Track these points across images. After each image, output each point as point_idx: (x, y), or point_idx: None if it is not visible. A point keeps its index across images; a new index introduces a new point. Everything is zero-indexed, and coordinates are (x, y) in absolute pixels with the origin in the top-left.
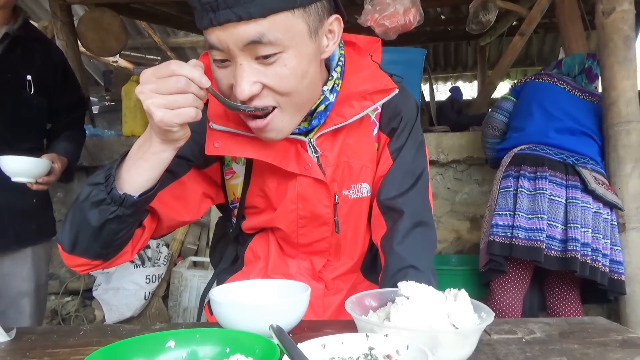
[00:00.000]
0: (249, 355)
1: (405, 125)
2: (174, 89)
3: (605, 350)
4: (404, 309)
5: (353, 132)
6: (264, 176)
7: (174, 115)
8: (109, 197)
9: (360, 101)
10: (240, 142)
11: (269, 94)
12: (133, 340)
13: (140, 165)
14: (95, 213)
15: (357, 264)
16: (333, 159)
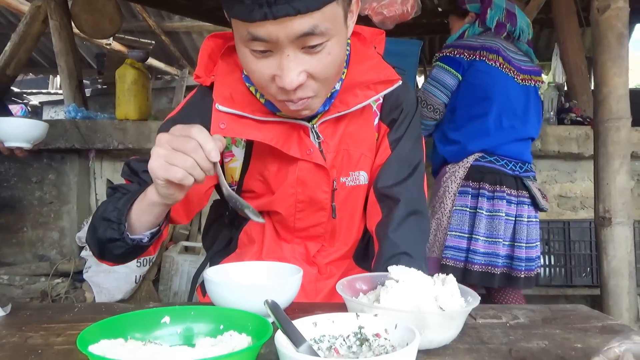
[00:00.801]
0: (242, 332)
1: (405, 117)
2: (180, 147)
3: (585, 335)
4: (393, 291)
5: (354, 121)
6: (265, 160)
7: (162, 169)
8: (123, 240)
9: (364, 90)
10: (245, 125)
11: (310, 83)
12: (129, 315)
13: (143, 214)
14: (115, 247)
15: (351, 250)
16: (334, 145)
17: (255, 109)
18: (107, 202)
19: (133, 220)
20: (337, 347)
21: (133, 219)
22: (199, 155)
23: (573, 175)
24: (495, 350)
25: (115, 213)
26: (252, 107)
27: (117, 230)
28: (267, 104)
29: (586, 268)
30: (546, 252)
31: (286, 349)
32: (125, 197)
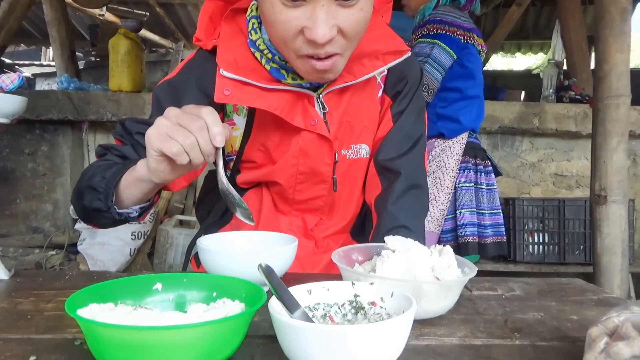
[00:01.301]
0: (235, 299)
1: (409, 90)
2: (185, 123)
3: (581, 307)
4: (390, 261)
5: (358, 92)
6: (267, 130)
7: (159, 139)
8: (109, 212)
9: (372, 60)
10: (250, 92)
11: (338, 39)
12: (120, 281)
13: (131, 188)
14: (100, 217)
15: (349, 225)
16: (337, 117)
17: (260, 76)
18: (95, 167)
19: (121, 192)
20: (331, 315)
21: (121, 192)
22: (202, 136)
23: (570, 153)
24: (490, 321)
25: (102, 183)
26: (256, 73)
27: (104, 202)
28: (272, 71)
29: (579, 246)
30: (540, 230)
31: (280, 314)
32: (116, 166)
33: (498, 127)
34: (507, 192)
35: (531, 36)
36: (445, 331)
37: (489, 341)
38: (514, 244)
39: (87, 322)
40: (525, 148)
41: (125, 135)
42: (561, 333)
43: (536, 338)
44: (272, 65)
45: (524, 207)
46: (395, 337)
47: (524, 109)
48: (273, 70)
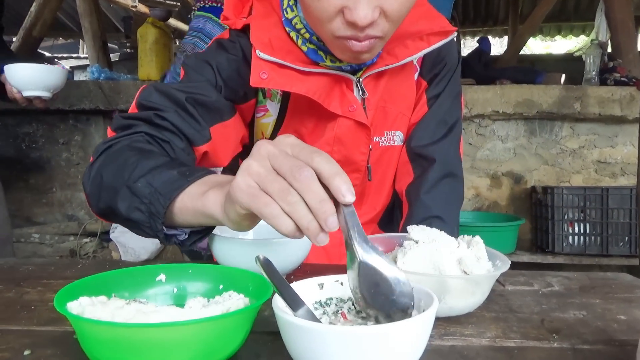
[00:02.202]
0: (242, 293)
1: (446, 73)
2: (286, 174)
3: (629, 306)
4: (412, 253)
5: (395, 75)
6: (301, 116)
7: (250, 196)
8: (152, 230)
9: (416, 42)
10: (287, 75)
11: (381, 22)
12: (119, 272)
13: (190, 215)
14: (134, 228)
15: (378, 215)
16: (374, 102)
17: (296, 58)
18: (132, 158)
19: (175, 211)
20: (344, 312)
21: (172, 212)
22: (312, 195)
23: (614, 139)
24: (525, 320)
25: (148, 191)
26: (293, 55)
27: (147, 218)
28: (309, 52)
29: (624, 237)
30: (581, 220)
31: (282, 312)
32: (167, 171)
33: (536, 112)
34: (546, 181)
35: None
36: (473, 331)
37: (523, 343)
38: (553, 235)
39: (71, 316)
40: (566, 134)
41: (166, 102)
42: (607, 335)
43: (578, 340)
44: (309, 46)
45: (563, 196)
46: (411, 339)
47: (565, 92)
48: (310, 52)
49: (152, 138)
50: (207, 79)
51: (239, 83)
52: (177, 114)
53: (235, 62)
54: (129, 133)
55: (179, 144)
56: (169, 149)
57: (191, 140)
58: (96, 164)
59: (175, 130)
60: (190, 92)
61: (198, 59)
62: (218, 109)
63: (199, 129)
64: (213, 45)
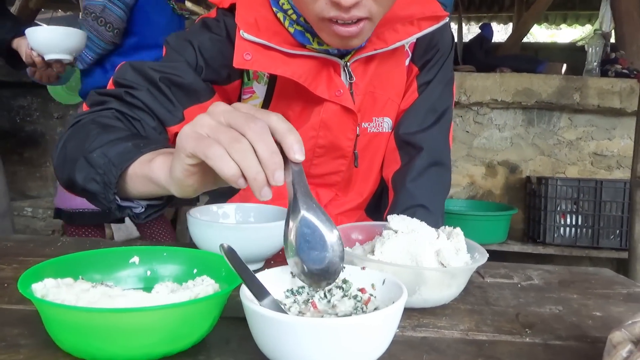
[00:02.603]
0: (214, 278)
1: (439, 59)
2: (236, 123)
3: (607, 302)
4: (390, 242)
5: (385, 61)
6: (288, 99)
7: (195, 140)
8: (107, 200)
9: (406, 26)
10: (273, 57)
11: (367, 2)
12: (93, 253)
13: (141, 183)
14: (93, 199)
15: (364, 202)
16: (363, 87)
17: (283, 40)
18: (94, 130)
19: (125, 182)
20: (314, 301)
21: (125, 181)
22: (263, 140)
23: (612, 132)
24: (500, 313)
25: (102, 163)
26: (279, 37)
27: (102, 188)
28: (296, 34)
29: (615, 230)
30: (574, 212)
31: (248, 301)
32: (123, 143)
33: (535, 102)
34: (541, 171)
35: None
36: (446, 323)
37: (494, 337)
38: (544, 225)
39: (33, 298)
40: (564, 125)
41: (139, 80)
42: (580, 331)
43: (550, 336)
44: (296, 27)
45: (557, 187)
46: (371, 334)
47: (564, 82)
48: (297, 34)
49: (122, 115)
50: (186, 60)
51: (222, 63)
52: (149, 93)
53: (218, 42)
54: (100, 109)
55: (150, 122)
56: (139, 126)
57: (162, 120)
58: (64, 137)
59: (146, 109)
60: (165, 72)
61: (180, 37)
62: (195, 91)
63: (172, 109)
64: (198, 24)
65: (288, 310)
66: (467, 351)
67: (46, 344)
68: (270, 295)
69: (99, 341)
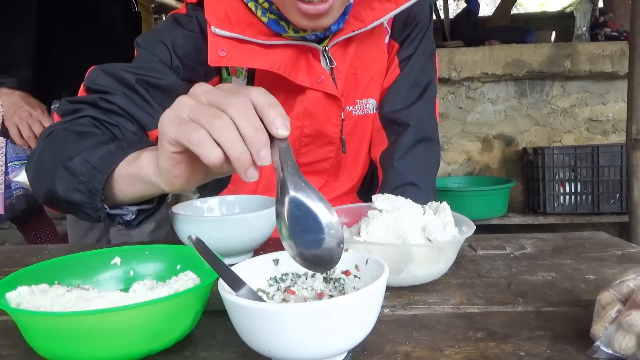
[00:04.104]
0: (197, 272)
1: (418, 32)
2: (217, 101)
3: (600, 265)
4: (375, 222)
5: (365, 40)
6: (269, 90)
7: (177, 124)
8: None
9: (383, 3)
10: (248, 51)
11: None
12: (72, 258)
13: (128, 184)
14: (78, 211)
15: (356, 186)
16: (344, 71)
17: (257, 31)
18: (69, 138)
19: (112, 186)
20: (291, 288)
21: (112, 185)
22: (245, 116)
23: (605, 96)
24: (492, 284)
25: (85, 170)
26: (253, 28)
27: (87, 197)
28: (270, 23)
29: (615, 195)
30: (572, 180)
31: (225, 292)
32: (105, 146)
33: (526, 72)
34: (537, 142)
35: None
36: (437, 298)
37: (486, 308)
38: (544, 195)
39: (5, 307)
40: (556, 93)
41: (114, 84)
42: (573, 296)
43: (543, 303)
44: (269, 16)
45: (554, 156)
46: (350, 315)
47: (554, 50)
48: (271, 23)
49: (98, 122)
50: (161, 59)
51: (197, 60)
52: (126, 97)
53: (192, 38)
54: (74, 118)
55: (130, 127)
56: (118, 132)
57: (142, 124)
58: (37, 149)
59: (124, 114)
60: (141, 74)
61: (151, 37)
62: (173, 91)
63: (151, 112)
64: (168, 20)
65: (272, 299)
66: (458, 325)
67: (28, 353)
68: (247, 285)
69: (76, 345)
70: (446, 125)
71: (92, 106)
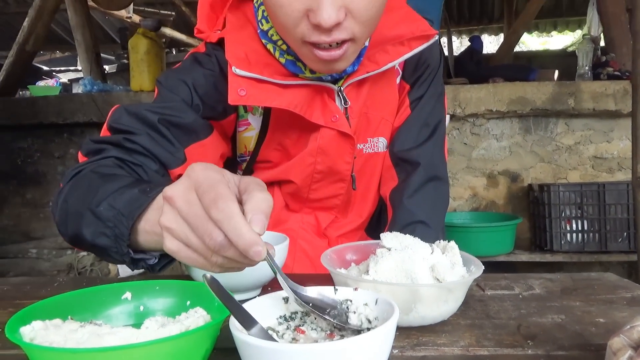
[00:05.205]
0: (207, 309)
1: (429, 75)
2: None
3: (610, 308)
4: (384, 261)
5: (377, 81)
6: (284, 128)
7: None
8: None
9: (396, 47)
10: (266, 90)
11: (349, 24)
12: (83, 292)
13: (149, 236)
14: (102, 254)
15: (365, 222)
16: (357, 110)
17: (275, 71)
18: (97, 181)
19: (136, 233)
20: (301, 327)
21: (136, 232)
22: (228, 255)
23: (610, 134)
24: (501, 326)
25: (112, 216)
26: (271, 69)
27: (114, 242)
28: (288, 64)
29: (622, 233)
30: (579, 217)
31: (237, 330)
32: (129, 191)
33: (530, 110)
34: (542, 178)
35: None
36: (446, 339)
37: (496, 351)
38: (551, 233)
39: (21, 343)
40: (561, 130)
41: (137, 124)
42: (583, 340)
43: (553, 346)
44: (287, 57)
45: (559, 193)
46: (366, 354)
47: (558, 88)
48: (289, 64)
49: (122, 162)
50: (182, 99)
51: (217, 99)
52: (149, 137)
53: (212, 77)
54: (99, 158)
55: (152, 166)
56: (141, 172)
57: (164, 163)
58: (64, 190)
59: (147, 153)
60: (163, 113)
61: (172, 76)
62: (194, 129)
63: (173, 151)
64: (188, 59)
65: (281, 337)
66: None
67: None
68: (258, 324)
69: None
70: (451, 161)
71: (116, 146)
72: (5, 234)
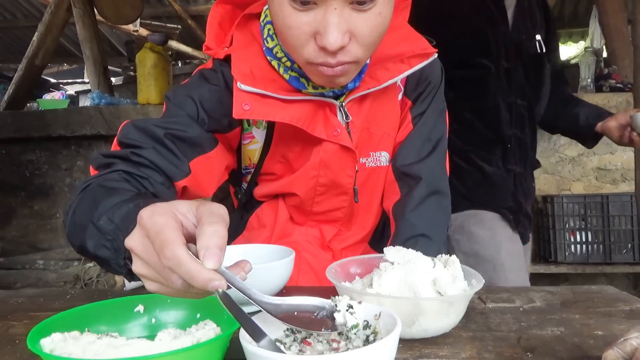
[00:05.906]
0: (217, 321)
1: (430, 91)
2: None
3: (609, 321)
4: (387, 275)
5: (379, 97)
6: (287, 141)
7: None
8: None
9: (397, 64)
10: (269, 105)
11: (352, 47)
12: (98, 305)
13: None
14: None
15: (368, 235)
16: (359, 125)
17: (279, 87)
18: (100, 194)
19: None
20: (307, 339)
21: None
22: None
23: (613, 146)
24: (502, 338)
25: (110, 228)
26: (275, 84)
27: (113, 254)
28: (291, 80)
29: (627, 244)
30: (583, 228)
31: (247, 343)
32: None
33: None
34: (546, 189)
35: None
36: (448, 351)
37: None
38: (555, 244)
39: (42, 354)
40: (564, 142)
41: (144, 138)
42: (581, 352)
43: (552, 359)
44: (291, 74)
45: (563, 204)
46: None
47: None
48: (292, 80)
49: (129, 175)
50: (188, 113)
51: (222, 113)
52: (155, 150)
53: (217, 92)
54: (107, 172)
55: (158, 178)
56: (147, 184)
57: (170, 176)
58: (73, 203)
59: (153, 166)
60: (169, 128)
61: (180, 92)
62: (199, 143)
63: (178, 163)
64: (196, 76)
65: (288, 349)
66: None
67: None
68: (267, 336)
69: None
70: None
71: (124, 160)
72: (13, 245)
